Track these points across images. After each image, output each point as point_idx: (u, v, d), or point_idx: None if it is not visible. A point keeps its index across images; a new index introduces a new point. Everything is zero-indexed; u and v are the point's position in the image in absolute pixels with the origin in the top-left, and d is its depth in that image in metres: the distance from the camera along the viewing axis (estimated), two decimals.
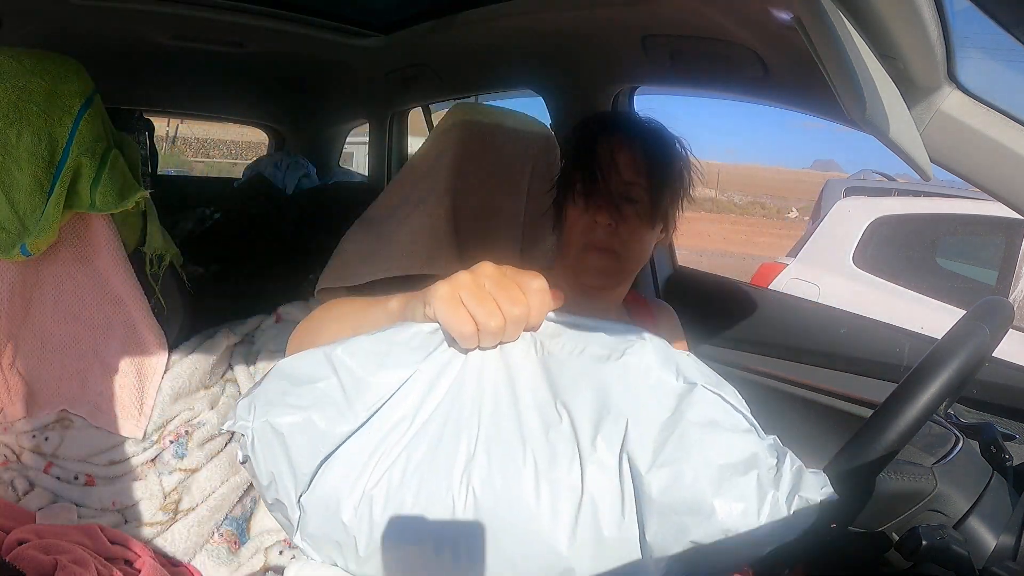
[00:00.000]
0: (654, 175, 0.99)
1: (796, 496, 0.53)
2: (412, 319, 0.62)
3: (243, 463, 0.60)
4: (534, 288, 0.56)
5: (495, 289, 0.55)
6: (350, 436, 0.56)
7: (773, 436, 0.57)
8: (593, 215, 0.97)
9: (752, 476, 0.52)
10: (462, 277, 0.57)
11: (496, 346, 0.58)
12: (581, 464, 0.51)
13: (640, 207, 0.99)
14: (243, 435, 0.58)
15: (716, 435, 0.52)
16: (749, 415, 0.56)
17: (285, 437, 0.56)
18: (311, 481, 0.56)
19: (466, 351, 0.58)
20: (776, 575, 0.70)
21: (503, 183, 1.28)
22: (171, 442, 0.97)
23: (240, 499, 1.00)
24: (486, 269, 0.57)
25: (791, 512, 0.51)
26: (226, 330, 1.16)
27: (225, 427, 0.58)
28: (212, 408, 1.02)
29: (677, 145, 1.04)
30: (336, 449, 0.56)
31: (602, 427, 0.52)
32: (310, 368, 0.59)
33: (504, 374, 0.58)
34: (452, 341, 0.58)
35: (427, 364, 0.58)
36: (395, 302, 0.67)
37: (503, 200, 1.29)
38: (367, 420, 0.56)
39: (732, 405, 0.56)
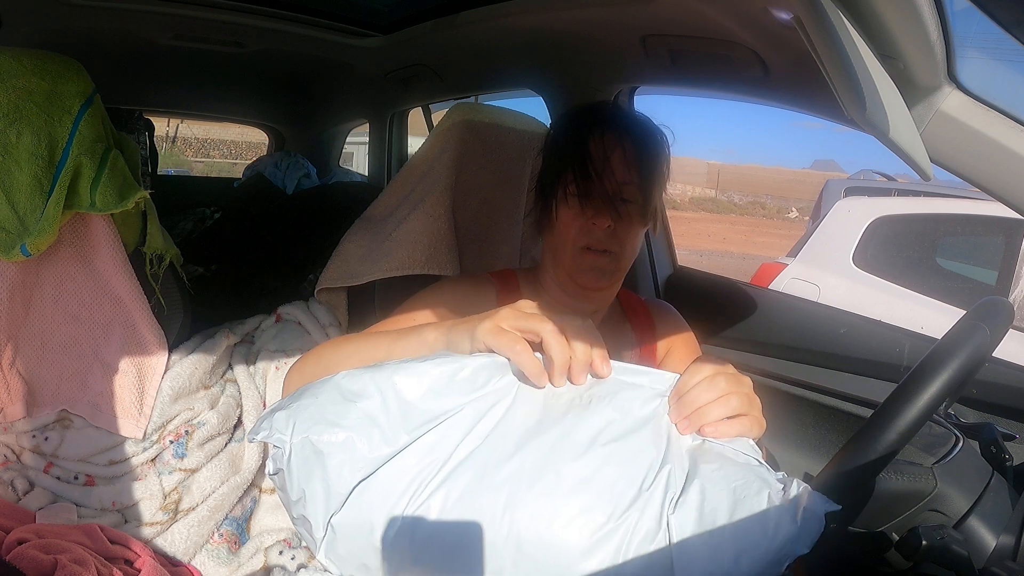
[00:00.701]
0: (646, 173, 1.00)
1: (802, 509, 0.54)
2: (455, 350, 0.63)
3: (273, 475, 0.60)
4: (590, 331, 0.61)
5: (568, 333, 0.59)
6: (390, 459, 0.55)
7: (781, 473, 0.59)
8: (591, 218, 0.97)
9: (764, 496, 0.53)
10: (525, 311, 0.61)
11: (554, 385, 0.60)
12: (628, 506, 0.52)
13: (634, 207, 0.99)
14: (277, 448, 0.58)
15: (729, 466, 0.55)
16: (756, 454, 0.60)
17: (324, 456, 0.56)
18: (344, 502, 0.55)
19: (517, 388, 0.59)
20: (776, 575, 0.70)
21: (503, 182, 1.28)
22: (171, 442, 0.97)
23: (240, 499, 1.00)
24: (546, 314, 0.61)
25: (800, 525, 0.53)
26: (226, 330, 1.16)
27: (258, 438, 0.58)
28: (212, 408, 1.02)
29: (661, 138, 1.05)
30: (375, 472, 0.55)
31: (649, 474, 0.54)
32: (358, 386, 0.59)
33: (550, 413, 0.58)
34: (509, 374, 0.59)
35: (477, 397, 0.58)
36: (432, 332, 0.68)
37: (503, 199, 1.29)
38: (409, 445, 0.56)
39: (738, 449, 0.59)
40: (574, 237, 0.99)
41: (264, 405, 1.07)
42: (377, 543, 0.55)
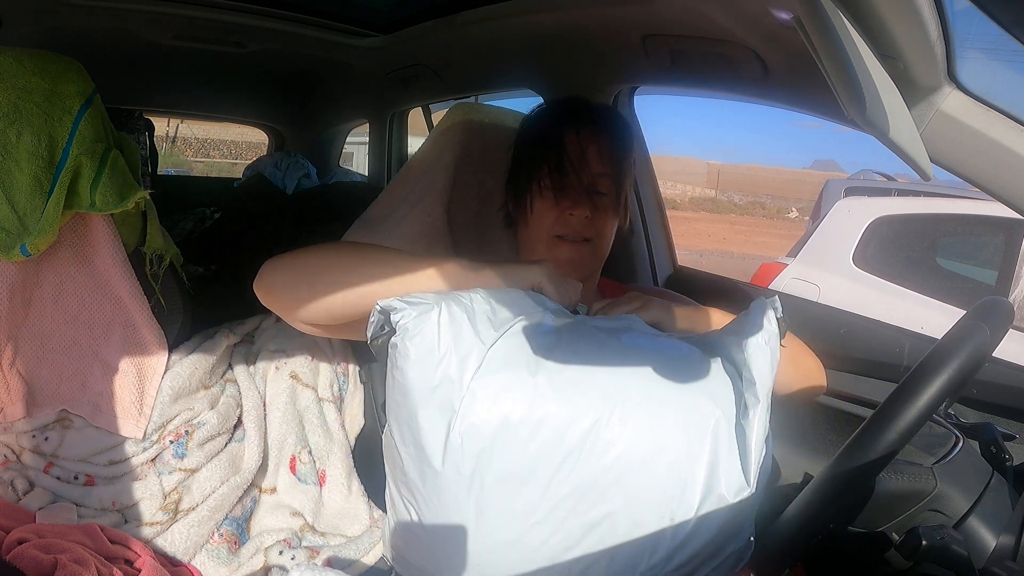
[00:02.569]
0: (619, 166, 1.03)
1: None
2: (484, 285, 0.80)
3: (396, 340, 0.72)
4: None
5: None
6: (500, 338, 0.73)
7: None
8: (568, 208, 0.98)
9: None
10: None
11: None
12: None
13: (608, 198, 1.01)
14: (415, 306, 0.71)
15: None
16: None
17: (470, 314, 0.73)
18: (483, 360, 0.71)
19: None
20: (776, 575, 0.70)
21: (502, 182, 1.28)
22: (171, 442, 0.97)
23: (240, 499, 1.00)
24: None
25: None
26: (226, 330, 1.16)
27: (398, 304, 0.72)
28: (212, 408, 1.02)
29: (631, 132, 1.08)
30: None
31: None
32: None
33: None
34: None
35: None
36: (454, 266, 0.82)
37: (502, 199, 1.29)
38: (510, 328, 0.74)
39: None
40: (549, 227, 1.00)
41: (264, 405, 1.07)
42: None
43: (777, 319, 0.77)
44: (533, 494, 0.68)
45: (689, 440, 0.69)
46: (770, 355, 0.74)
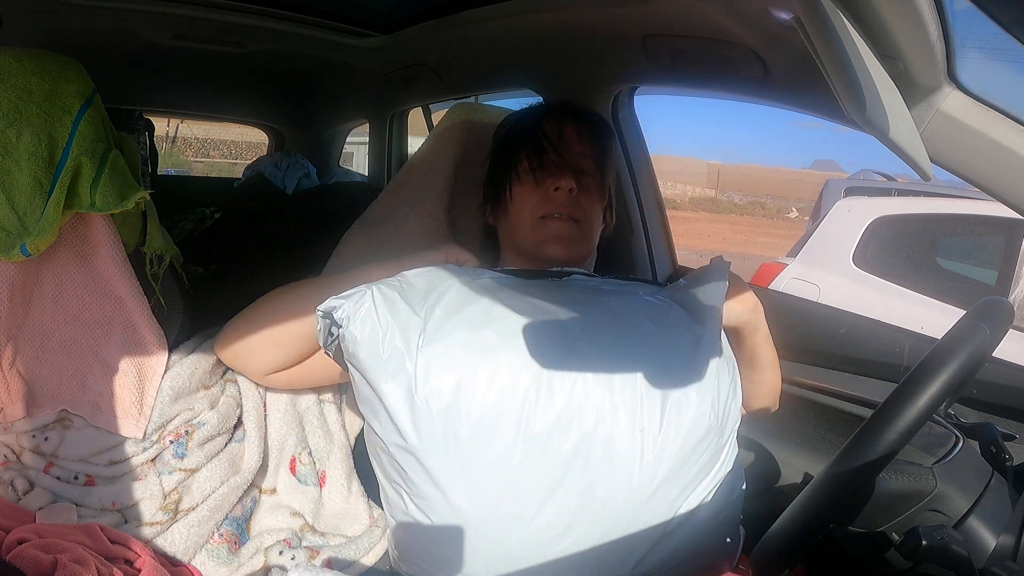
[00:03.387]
0: (600, 149, 1.02)
1: None
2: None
3: (339, 331, 0.79)
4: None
5: None
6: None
7: None
8: (551, 184, 0.96)
9: None
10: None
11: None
12: None
13: (593, 180, 1.00)
14: (349, 299, 0.78)
15: None
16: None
17: (400, 292, 0.81)
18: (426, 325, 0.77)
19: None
20: (776, 575, 0.70)
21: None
22: (171, 442, 0.97)
23: (240, 499, 1.00)
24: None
25: None
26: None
27: (332, 303, 0.79)
28: (212, 408, 1.02)
29: (611, 129, 1.11)
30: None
31: None
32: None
33: None
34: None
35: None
36: (377, 270, 0.90)
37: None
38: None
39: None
40: (533, 208, 0.97)
41: (264, 406, 1.07)
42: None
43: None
44: (507, 435, 0.73)
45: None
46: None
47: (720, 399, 0.78)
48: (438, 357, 0.74)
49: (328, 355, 0.85)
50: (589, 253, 1.05)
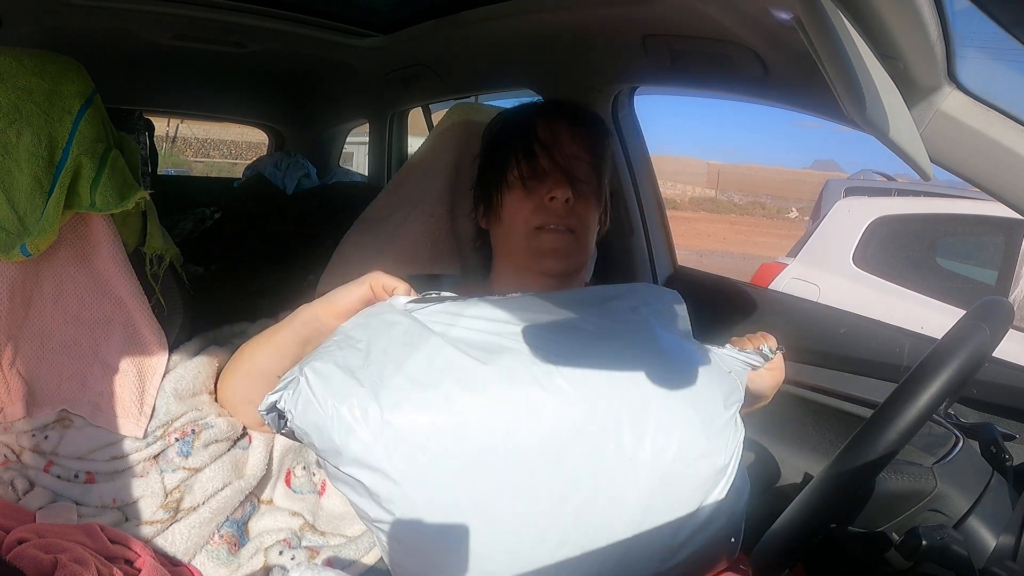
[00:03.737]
0: (596, 151, 0.96)
1: None
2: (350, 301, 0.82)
3: (287, 422, 0.73)
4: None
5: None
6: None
7: None
8: (546, 193, 0.91)
9: None
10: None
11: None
12: None
13: (588, 186, 0.94)
14: (287, 387, 0.72)
15: None
16: None
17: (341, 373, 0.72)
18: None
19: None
20: (776, 575, 0.70)
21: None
22: (176, 440, 0.97)
23: (242, 503, 1.00)
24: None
25: None
26: (228, 333, 1.16)
27: (273, 397, 0.74)
28: (220, 415, 1.01)
29: (606, 127, 1.05)
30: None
31: None
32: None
33: None
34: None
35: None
36: (302, 307, 0.87)
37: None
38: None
39: None
40: (527, 218, 0.92)
41: None
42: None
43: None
44: (489, 482, 0.67)
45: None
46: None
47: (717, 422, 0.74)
48: (398, 431, 0.66)
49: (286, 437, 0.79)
50: (585, 262, 1.02)
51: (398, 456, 0.66)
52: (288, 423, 0.72)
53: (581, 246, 0.95)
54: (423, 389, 0.68)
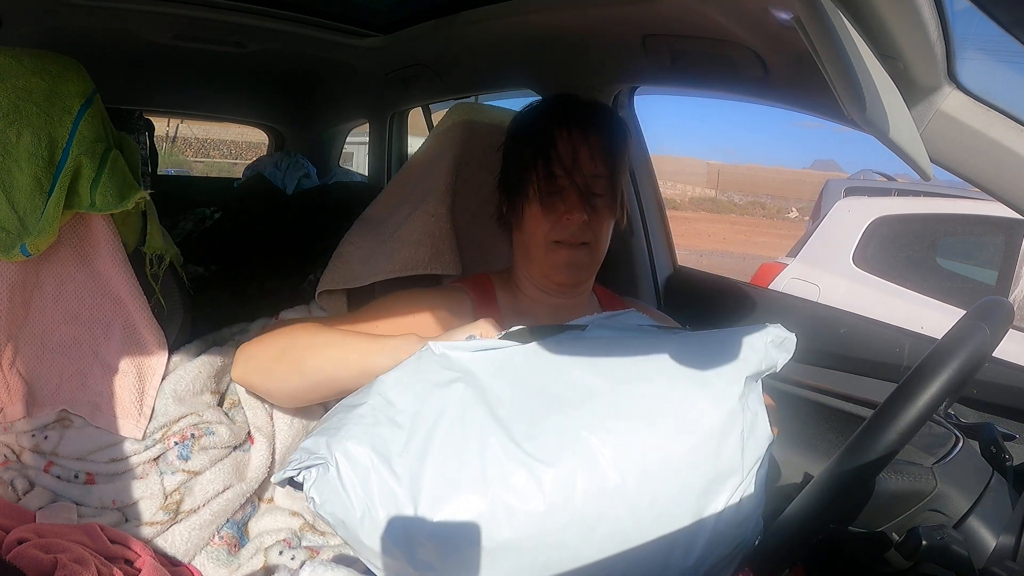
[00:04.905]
0: (613, 166, 1.00)
1: None
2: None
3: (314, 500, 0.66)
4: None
5: None
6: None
7: None
8: (564, 213, 0.97)
9: None
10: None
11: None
12: None
13: (604, 200, 0.99)
14: (315, 464, 0.66)
15: None
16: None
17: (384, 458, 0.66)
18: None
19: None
20: (776, 575, 0.70)
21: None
22: (176, 443, 0.97)
23: (242, 506, 1.00)
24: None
25: None
26: (228, 334, 1.16)
27: (291, 467, 0.67)
28: (221, 423, 1.01)
29: (623, 128, 1.06)
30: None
31: None
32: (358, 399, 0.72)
33: None
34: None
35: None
36: (417, 344, 0.77)
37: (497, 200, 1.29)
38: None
39: None
40: (545, 233, 0.98)
41: (271, 419, 1.05)
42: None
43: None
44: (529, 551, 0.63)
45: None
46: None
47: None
48: (432, 531, 0.61)
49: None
50: (597, 269, 1.06)
51: (425, 551, 0.62)
52: (308, 504, 0.66)
53: (595, 258, 1.02)
54: (467, 492, 0.62)
